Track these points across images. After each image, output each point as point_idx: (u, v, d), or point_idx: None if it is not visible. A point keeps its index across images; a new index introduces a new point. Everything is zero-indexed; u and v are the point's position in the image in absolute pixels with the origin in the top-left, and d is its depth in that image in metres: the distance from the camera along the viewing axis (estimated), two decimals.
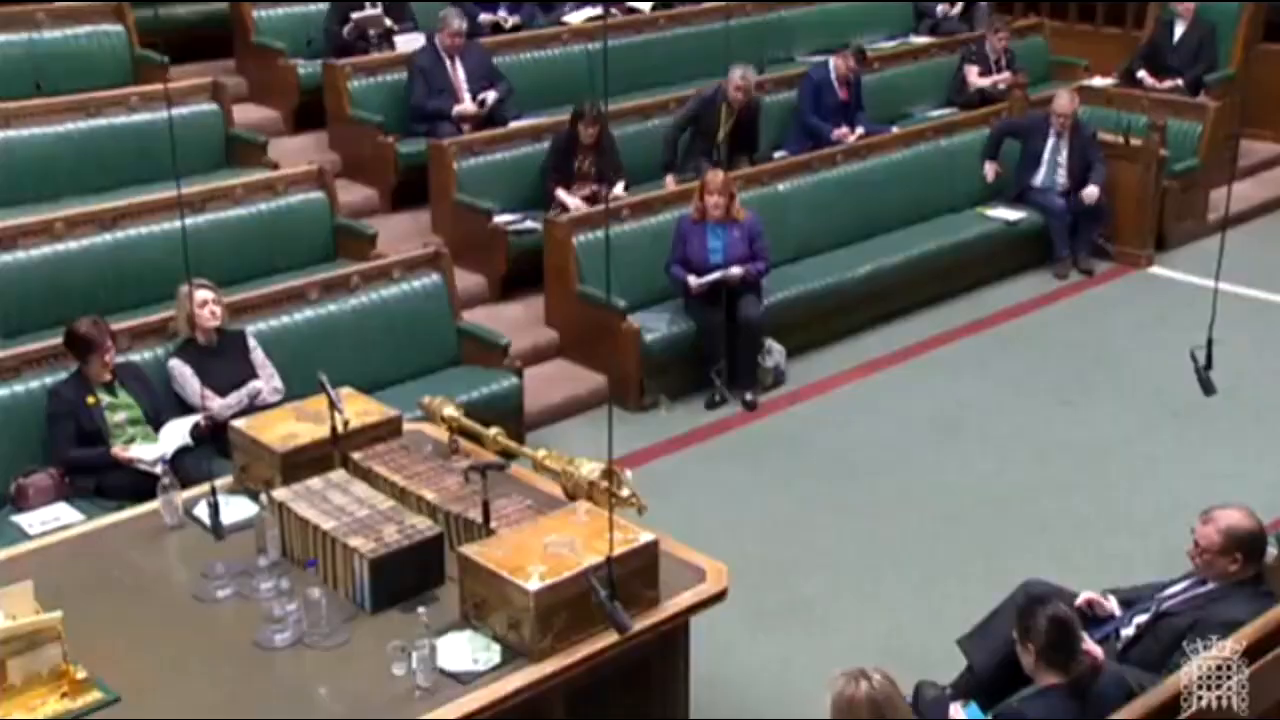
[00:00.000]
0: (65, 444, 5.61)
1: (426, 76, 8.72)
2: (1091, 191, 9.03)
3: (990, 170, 9.40)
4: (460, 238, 7.99)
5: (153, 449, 5.58)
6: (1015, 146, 9.43)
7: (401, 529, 4.29)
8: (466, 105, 8.70)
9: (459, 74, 8.77)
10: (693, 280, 7.29)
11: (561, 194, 8.08)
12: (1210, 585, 4.33)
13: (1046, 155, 9.18)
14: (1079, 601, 4.46)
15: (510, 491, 4.65)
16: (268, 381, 6.03)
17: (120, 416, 5.69)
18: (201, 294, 5.94)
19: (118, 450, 5.56)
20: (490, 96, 8.73)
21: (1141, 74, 10.53)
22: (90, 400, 5.64)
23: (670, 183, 8.51)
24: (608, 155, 8.27)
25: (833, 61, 9.42)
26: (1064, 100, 9.13)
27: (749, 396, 7.31)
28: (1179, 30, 10.58)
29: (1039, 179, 9.23)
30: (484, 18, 9.88)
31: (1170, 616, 4.32)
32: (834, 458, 6.91)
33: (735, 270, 7.26)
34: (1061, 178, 9.18)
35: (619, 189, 8.20)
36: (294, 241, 7.51)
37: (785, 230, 8.16)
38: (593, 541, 4.08)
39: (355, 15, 9.23)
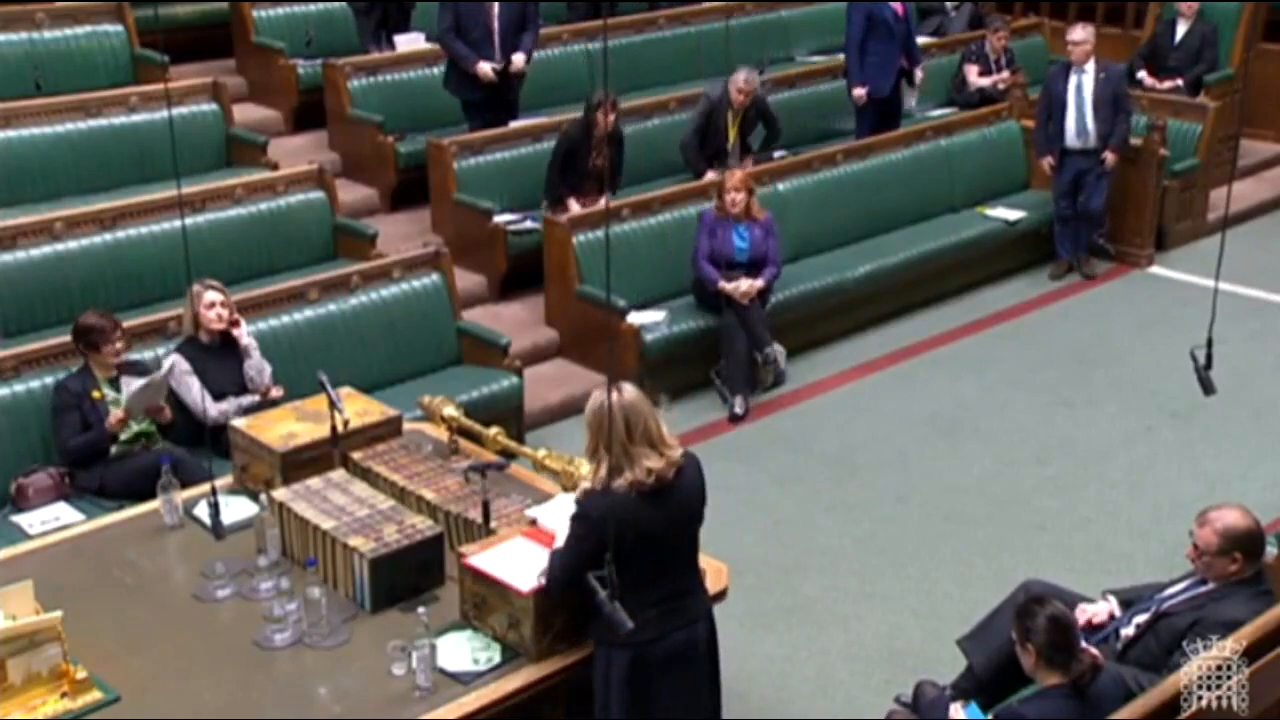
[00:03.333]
0: (70, 436, 5.60)
1: (459, 12, 8.36)
2: (1108, 157, 8.81)
3: (1048, 164, 9.07)
4: (460, 238, 8.00)
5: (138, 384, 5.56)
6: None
7: (401, 529, 4.30)
8: (486, 68, 8.34)
9: (493, 16, 8.43)
10: (723, 284, 7.27)
11: (573, 204, 7.93)
12: (1210, 585, 4.33)
13: (1071, 98, 8.81)
14: (1080, 622, 4.45)
15: (510, 491, 4.66)
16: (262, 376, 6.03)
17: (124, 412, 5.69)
18: (210, 295, 5.93)
19: (113, 420, 5.54)
20: (518, 59, 8.50)
21: (1141, 74, 10.53)
22: (96, 394, 5.63)
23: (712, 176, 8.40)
24: (618, 150, 8.14)
25: None
26: (1078, 30, 8.85)
27: (737, 409, 7.25)
28: (1181, 30, 10.58)
29: (1070, 132, 8.85)
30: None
31: (1170, 616, 4.32)
32: (834, 458, 6.91)
33: (751, 285, 7.24)
34: (1090, 125, 8.79)
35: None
36: (294, 241, 7.51)
37: (785, 230, 8.13)
38: None
39: None
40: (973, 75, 10.61)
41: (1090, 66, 8.87)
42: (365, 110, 8.77)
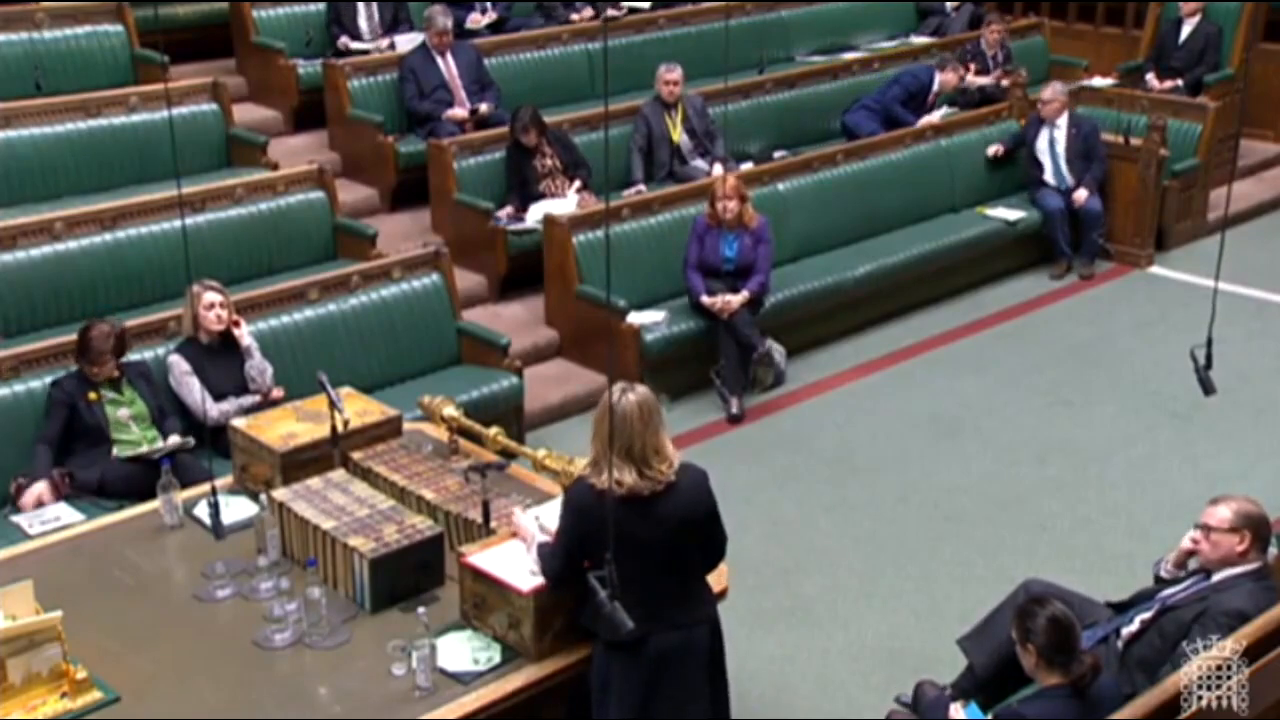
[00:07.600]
0: (52, 433, 5.59)
1: (418, 77, 8.75)
2: (1080, 194, 9.05)
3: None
4: (460, 238, 8.00)
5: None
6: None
7: (401, 529, 4.30)
8: (458, 111, 8.71)
9: (452, 71, 8.79)
10: (705, 299, 7.29)
11: (510, 209, 8.09)
12: (1214, 578, 4.32)
13: (1045, 152, 9.17)
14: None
15: (510, 491, 4.66)
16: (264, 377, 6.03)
17: (123, 413, 5.69)
18: (209, 296, 5.94)
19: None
20: (484, 107, 8.77)
21: (1149, 77, 10.56)
22: (92, 395, 5.64)
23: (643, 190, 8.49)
24: (566, 148, 8.31)
25: (939, 76, 9.79)
26: (1049, 89, 9.24)
27: (734, 410, 7.26)
28: (1186, 30, 10.60)
29: (1047, 174, 9.21)
30: (472, 18, 9.86)
31: (1175, 610, 4.31)
32: (834, 458, 6.91)
33: (729, 302, 7.23)
34: (1065, 171, 9.14)
35: (573, 192, 8.22)
36: (294, 241, 7.51)
37: (785, 230, 8.16)
38: None
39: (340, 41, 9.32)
40: (971, 74, 10.60)
41: (1063, 121, 9.16)
42: (365, 110, 8.77)
